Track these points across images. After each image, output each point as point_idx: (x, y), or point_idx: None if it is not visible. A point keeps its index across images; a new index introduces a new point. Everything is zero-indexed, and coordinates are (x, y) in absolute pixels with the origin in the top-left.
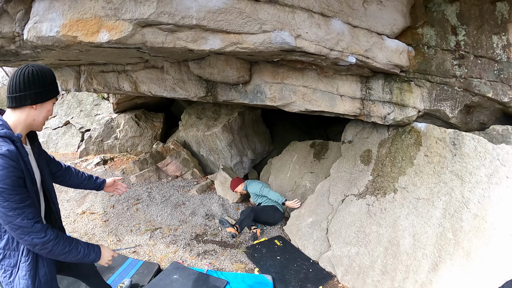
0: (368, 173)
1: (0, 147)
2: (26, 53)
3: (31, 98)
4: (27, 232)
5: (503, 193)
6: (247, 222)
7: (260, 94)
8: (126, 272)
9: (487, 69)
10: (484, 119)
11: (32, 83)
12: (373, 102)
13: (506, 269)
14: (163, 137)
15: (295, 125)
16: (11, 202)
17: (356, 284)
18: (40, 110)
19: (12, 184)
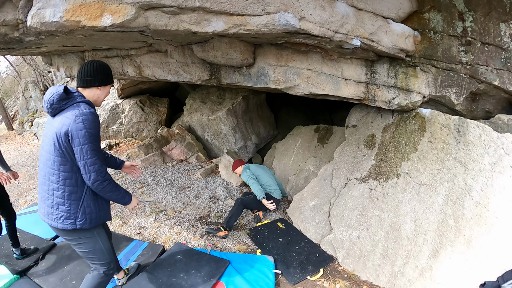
0: (372, 158)
1: (90, 108)
2: (30, 40)
3: (98, 81)
4: (98, 170)
5: (506, 182)
6: (235, 219)
7: (264, 77)
8: (131, 253)
9: (494, 57)
10: (490, 108)
11: (99, 71)
12: (377, 87)
13: (507, 258)
14: (168, 122)
15: (300, 110)
16: (94, 144)
17: (357, 267)
18: (102, 91)
19: (97, 133)
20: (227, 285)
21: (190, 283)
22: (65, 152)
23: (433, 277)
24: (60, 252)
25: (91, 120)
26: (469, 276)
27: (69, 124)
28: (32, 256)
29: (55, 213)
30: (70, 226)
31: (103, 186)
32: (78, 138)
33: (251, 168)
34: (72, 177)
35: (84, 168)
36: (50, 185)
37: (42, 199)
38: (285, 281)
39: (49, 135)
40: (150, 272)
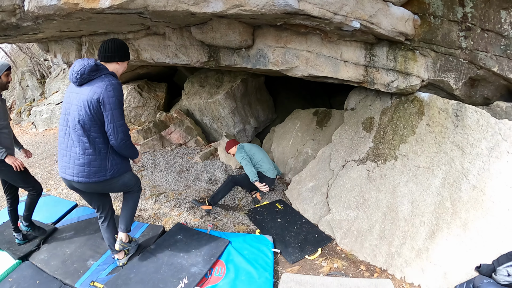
0: (370, 140)
1: (116, 79)
2: (27, 25)
3: (117, 57)
4: (125, 131)
5: (503, 167)
6: (221, 195)
7: (263, 58)
8: (132, 234)
9: (493, 44)
10: (489, 94)
11: (119, 48)
12: (376, 69)
13: (502, 242)
14: (166, 107)
15: (299, 94)
16: (121, 110)
17: (354, 247)
18: (121, 65)
19: (123, 101)
20: (227, 263)
21: (191, 262)
22: (95, 116)
23: (430, 258)
24: (61, 235)
25: (119, 89)
26: (465, 258)
27: (101, 92)
28: (34, 241)
29: (87, 170)
30: (101, 177)
31: (126, 145)
32: (109, 104)
33: (245, 148)
34: (100, 137)
35: (113, 130)
36: (82, 146)
37: (69, 161)
38: (283, 260)
39: (78, 102)
40: (151, 252)
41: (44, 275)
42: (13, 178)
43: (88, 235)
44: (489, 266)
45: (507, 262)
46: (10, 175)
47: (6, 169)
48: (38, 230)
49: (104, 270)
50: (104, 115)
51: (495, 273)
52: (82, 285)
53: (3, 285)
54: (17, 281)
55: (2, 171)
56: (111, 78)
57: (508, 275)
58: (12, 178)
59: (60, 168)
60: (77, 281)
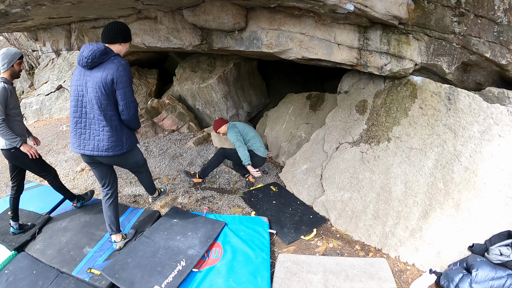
0: (363, 122)
1: (123, 59)
2: (16, 12)
3: (120, 38)
4: (135, 106)
5: (494, 150)
6: (211, 168)
7: (256, 40)
8: (127, 220)
9: (486, 30)
10: (481, 80)
11: (122, 30)
12: (370, 53)
13: (494, 223)
14: (158, 94)
15: (292, 79)
16: (132, 87)
17: (349, 227)
18: (124, 46)
19: (132, 79)
20: (223, 245)
21: (188, 245)
22: (110, 95)
23: (423, 237)
24: (57, 225)
25: (128, 69)
26: (458, 238)
27: (113, 73)
28: (29, 231)
29: (106, 145)
30: (119, 151)
31: (135, 118)
32: (122, 83)
33: (238, 127)
34: (115, 114)
35: (126, 105)
36: (100, 123)
37: (89, 138)
38: (279, 240)
39: (93, 84)
40: (147, 237)
41: (40, 264)
42: (29, 165)
43: (83, 223)
44: (481, 245)
45: (499, 241)
46: (26, 162)
47: (22, 156)
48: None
49: (101, 257)
50: (117, 93)
51: (487, 252)
52: (79, 273)
53: (0, 278)
54: (14, 273)
55: (17, 158)
56: (120, 59)
57: (500, 254)
58: (28, 165)
59: (77, 146)
60: (74, 269)
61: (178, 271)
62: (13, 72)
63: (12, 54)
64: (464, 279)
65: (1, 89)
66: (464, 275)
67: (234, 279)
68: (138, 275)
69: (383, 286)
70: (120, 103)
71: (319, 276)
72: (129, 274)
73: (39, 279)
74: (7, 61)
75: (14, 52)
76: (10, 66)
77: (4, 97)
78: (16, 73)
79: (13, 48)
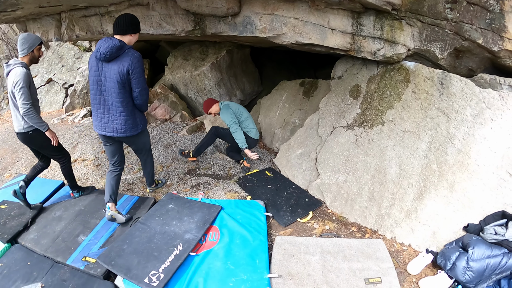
0: (357, 107)
1: (136, 52)
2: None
3: (131, 29)
4: (147, 93)
5: (487, 133)
6: (205, 148)
7: (250, 25)
8: (122, 207)
9: (479, 17)
10: (473, 66)
11: (131, 21)
12: (363, 38)
13: (488, 203)
14: (149, 84)
15: (285, 67)
16: (144, 77)
17: (345, 210)
18: (133, 37)
19: (144, 69)
20: (220, 228)
21: (184, 229)
22: (125, 84)
23: (418, 218)
24: (51, 214)
25: (141, 61)
26: (453, 219)
27: (128, 65)
28: (21, 221)
29: (124, 127)
30: (135, 131)
31: (145, 103)
32: (136, 73)
33: (232, 107)
34: (130, 100)
35: (139, 92)
36: (118, 109)
37: (109, 121)
38: (276, 223)
39: (111, 75)
40: (143, 223)
41: (35, 255)
42: (45, 147)
43: (77, 211)
44: (476, 225)
45: (493, 221)
46: (43, 145)
47: (39, 139)
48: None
49: (96, 245)
50: (132, 82)
51: (482, 232)
52: (74, 261)
53: None
54: (8, 265)
55: (34, 140)
56: (133, 52)
57: (495, 233)
58: (45, 147)
59: (99, 128)
60: (68, 257)
61: (175, 255)
62: (32, 58)
63: (33, 39)
64: (460, 257)
65: (25, 74)
66: (460, 253)
67: (232, 262)
68: (135, 261)
69: (381, 266)
70: (135, 91)
71: (317, 257)
72: (125, 260)
73: (33, 270)
74: (28, 46)
75: (35, 37)
76: (30, 51)
77: (28, 82)
78: (36, 59)
79: (33, 34)
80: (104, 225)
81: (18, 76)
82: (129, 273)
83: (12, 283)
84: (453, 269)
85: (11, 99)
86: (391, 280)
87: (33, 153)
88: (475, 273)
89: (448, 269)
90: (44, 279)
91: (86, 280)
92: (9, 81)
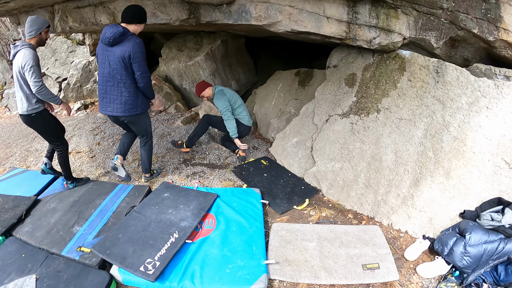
0: (352, 95)
1: (138, 38)
2: None
3: (136, 20)
4: (148, 76)
5: (482, 121)
6: (197, 137)
7: (245, 13)
8: (117, 196)
9: (474, 7)
10: (468, 56)
11: (138, 12)
12: (359, 26)
13: (484, 190)
14: None
15: (280, 58)
16: (145, 61)
17: (341, 197)
18: (138, 26)
19: (145, 54)
20: (217, 216)
21: (180, 217)
22: (128, 67)
23: (415, 205)
24: (45, 206)
25: (142, 46)
26: (449, 205)
27: (130, 50)
28: (15, 213)
29: (123, 107)
30: (134, 112)
31: (149, 86)
32: (137, 58)
33: (227, 93)
34: (132, 82)
35: (140, 75)
36: (120, 89)
37: (110, 101)
38: (272, 211)
39: (114, 58)
40: (138, 212)
41: (29, 247)
42: (46, 132)
43: (72, 203)
44: (472, 212)
45: (489, 208)
46: (43, 129)
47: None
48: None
49: (90, 234)
50: (133, 65)
51: (478, 218)
52: (69, 252)
53: None
54: (2, 258)
55: (35, 123)
56: (135, 38)
57: (491, 220)
58: (45, 131)
59: (100, 108)
60: (63, 248)
61: (171, 243)
62: (40, 40)
63: (41, 22)
64: (458, 243)
65: (34, 54)
66: (458, 238)
67: (229, 249)
68: (130, 249)
69: (378, 252)
70: (136, 73)
71: (314, 243)
72: (120, 249)
73: (28, 262)
74: (36, 28)
75: (43, 20)
76: (38, 33)
77: (37, 61)
78: (43, 41)
79: (41, 17)
80: (98, 214)
81: (27, 56)
82: (125, 262)
83: (6, 275)
84: (451, 255)
85: (18, 80)
86: (389, 266)
87: None
88: (473, 258)
89: (445, 254)
90: (39, 270)
91: (81, 270)
92: (15, 62)
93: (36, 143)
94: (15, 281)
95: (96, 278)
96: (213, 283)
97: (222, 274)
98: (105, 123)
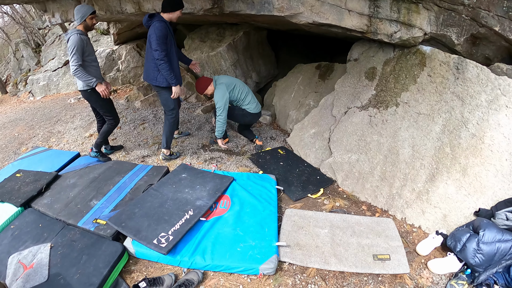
0: (372, 88)
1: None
2: None
3: (168, 8)
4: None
5: (501, 120)
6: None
7: (267, 4)
8: (136, 175)
9: (496, 4)
10: (490, 54)
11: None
12: (380, 20)
13: (500, 190)
14: None
15: (301, 52)
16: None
17: (356, 188)
18: (172, 14)
19: (161, 35)
20: (231, 197)
21: (196, 197)
22: (149, 44)
23: (430, 200)
24: (65, 181)
25: (159, 28)
26: (464, 203)
27: (149, 31)
28: (35, 187)
29: (146, 74)
30: (153, 82)
31: (161, 64)
32: (152, 36)
33: (228, 87)
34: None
35: (154, 52)
36: (150, 62)
37: (147, 72)
38: (286, 198)
39: (147, 37)
40: (155, 189)
41: (47, 218)
42: (101, 105)
43: (91, 179)
44: (487, 211)
45: (505, 208)
46: (99, 102)
47: (96, 96)
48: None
49: (107, 208)
50: (151, 44)
51: (493, 217)
52: (85, 223)
53: (6, 233)
54: (19, 227)
55: (92, 97)
56: (156, 22)
57: (506, 219)
58: (100, 105)
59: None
60: (80, 220)
61: (185, 220)
62: (86, 26)
63: (85, 9)
64: (471, 239)
65: (78, 39)
66: (471, 235)
67: (242, 229)
68: (145, 223)
69: (390, 244)
70: (153, 51)
71: (326, 231)
72: (135, 223)
73: (44, 232)
74: (80, 15)
75: (87, 8)
76: (83, 20)
77: (80, 46)
78: (89, 27)
79: (86, 4)
80: (116, 190)
81: (71, 41)
82: (139, 235)
83: (22, 243)
84: (463, 251)
85: None
86: (400, 258)
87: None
88: (485, 256)
89: (458, 250)
90: (54, 239)
91: (96, 241)
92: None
93: (59, 126)
94: (30, 248)
95: (109, 249)
96: (224, 259)
97: (233, 252)
98: (127, 109)
